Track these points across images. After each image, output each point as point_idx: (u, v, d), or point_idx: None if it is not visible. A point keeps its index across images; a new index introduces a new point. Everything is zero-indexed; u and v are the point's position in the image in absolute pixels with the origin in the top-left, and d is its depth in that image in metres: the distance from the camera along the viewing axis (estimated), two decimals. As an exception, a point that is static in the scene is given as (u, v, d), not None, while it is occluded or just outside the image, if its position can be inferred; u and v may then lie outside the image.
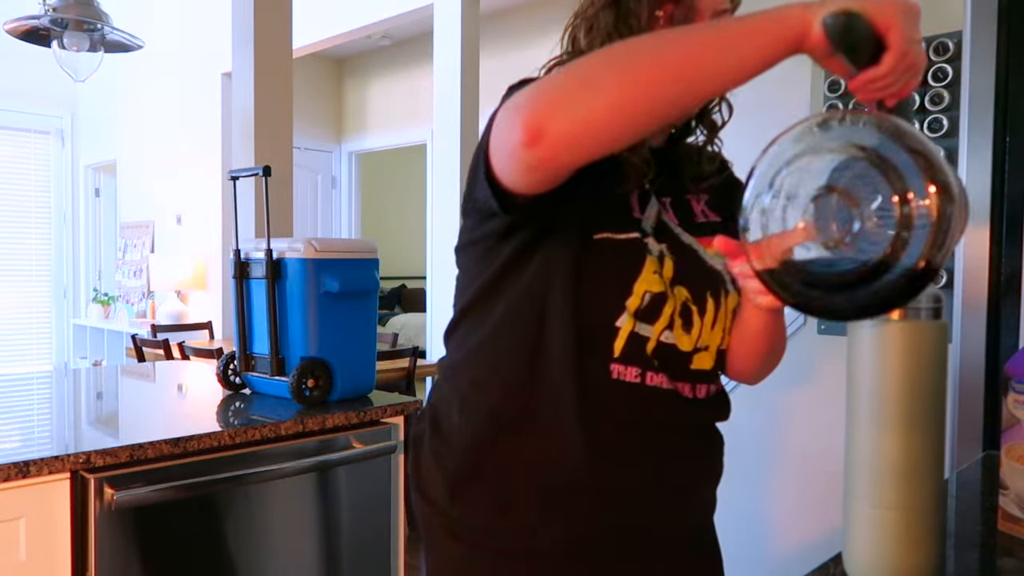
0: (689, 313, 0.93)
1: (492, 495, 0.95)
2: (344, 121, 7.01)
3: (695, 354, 0.94)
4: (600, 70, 0.70)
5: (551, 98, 0.70)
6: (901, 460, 0.72)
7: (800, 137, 0.67)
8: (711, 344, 0.95)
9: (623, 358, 0.91)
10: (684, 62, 0.68)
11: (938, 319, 0.72)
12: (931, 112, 2.12)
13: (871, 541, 0.74)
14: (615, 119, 0.69)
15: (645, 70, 0.68)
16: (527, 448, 0.93)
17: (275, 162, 2.42)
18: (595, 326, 0.91)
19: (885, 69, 0.65)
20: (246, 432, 1.58)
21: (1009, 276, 1.92)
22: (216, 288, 5.71)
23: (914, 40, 0.64)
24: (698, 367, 0.95)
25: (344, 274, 1.79)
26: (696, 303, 0.93)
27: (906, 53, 0.64)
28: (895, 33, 0.64)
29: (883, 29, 0.64)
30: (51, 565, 1.35)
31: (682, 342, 0.93)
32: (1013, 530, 0.91)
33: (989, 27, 1.91)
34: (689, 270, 0.93)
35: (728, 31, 0.70)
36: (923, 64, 0.65)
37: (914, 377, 0.71)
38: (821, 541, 2.30)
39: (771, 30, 0.66)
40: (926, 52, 2.12)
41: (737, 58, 0.67)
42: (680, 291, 0.92)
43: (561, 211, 0.89)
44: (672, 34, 0.73)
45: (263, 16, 2.68)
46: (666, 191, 0.99)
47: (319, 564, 1.70)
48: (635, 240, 0.91)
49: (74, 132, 7.31)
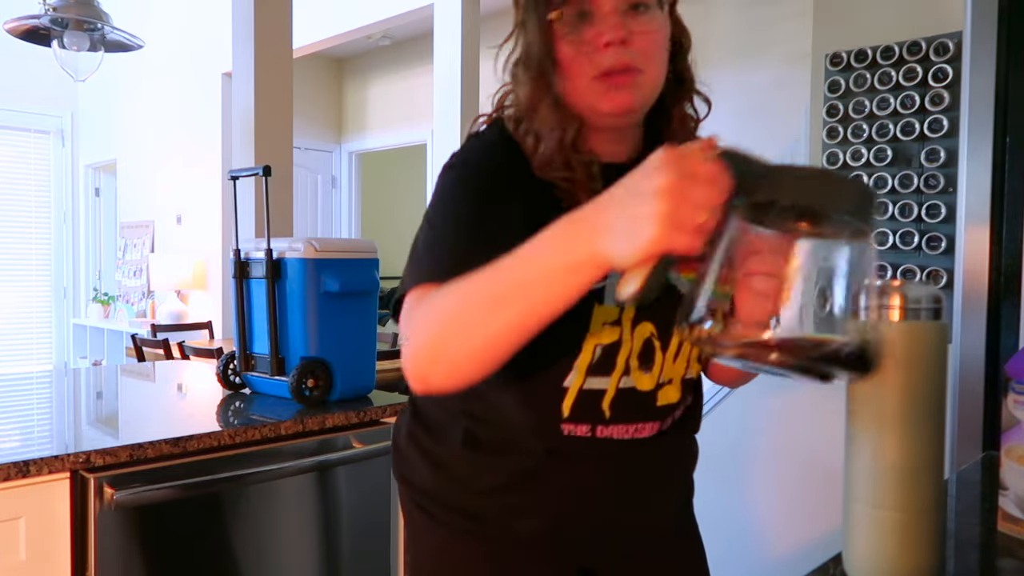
0: (651, 351, 0.91)
1: (463, 480, 0.97)
2: (344, 121, 7.00)
3: (659, 391, 0.93)
4: (454, 323, 0.75)
5: (423, 354, 0.78)
6: (901, 460, 0.71)
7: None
8: (675, 376, 0.94)
9: (573, 417, 0.91)
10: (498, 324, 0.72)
11: (938, 319, 0.72)
12: (931, 112, 2.12)
13: (871, 542, 0.74)
14: (484, 358, 0.75)
15: (486, 322, 0.72)
16: (492, 441, 0.95)
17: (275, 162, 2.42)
18: (541, 391, 0.90)
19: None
20: (246, 432, 1.58)
21: (1009, 276, 1.92)
22: (216, 288, 5.71)
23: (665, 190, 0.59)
24: (664, 402, 0.94)
25: (344, 274, 1.79)
26: (661, 338, 0.91)
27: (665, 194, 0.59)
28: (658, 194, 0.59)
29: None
30: (51, 565, 1.35)
31: (642, 383, 0.92)
32: (1013, 530, 0.91)
33: (989, 27, 1.91)
34: (657, 301, 0.89)
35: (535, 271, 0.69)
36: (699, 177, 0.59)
37: (914, 377, 0.71)
38: (821, 541, 2.30)
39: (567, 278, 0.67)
40: (926, 52, 2.12)
41: (562, 289, 0.68)
42: (642, 329, 0.90)
43: None
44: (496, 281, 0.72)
45: (263, 16, 2.68)
46: None
47: (319, 564, 1.70)
48: None
49: (74, 132, 7.31)
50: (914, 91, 2.15)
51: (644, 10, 0.86)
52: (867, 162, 2.24)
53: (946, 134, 2.09)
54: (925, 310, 0.71)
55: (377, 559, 1.80)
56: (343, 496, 1.73)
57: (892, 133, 2.19)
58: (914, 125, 2.14)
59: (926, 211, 2.12)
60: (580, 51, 0.86)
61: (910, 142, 2.17)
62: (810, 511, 2.37)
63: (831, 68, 2.30)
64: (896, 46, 2.17)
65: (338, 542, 1.73)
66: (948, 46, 2.08)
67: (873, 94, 2.22)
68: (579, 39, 0.86)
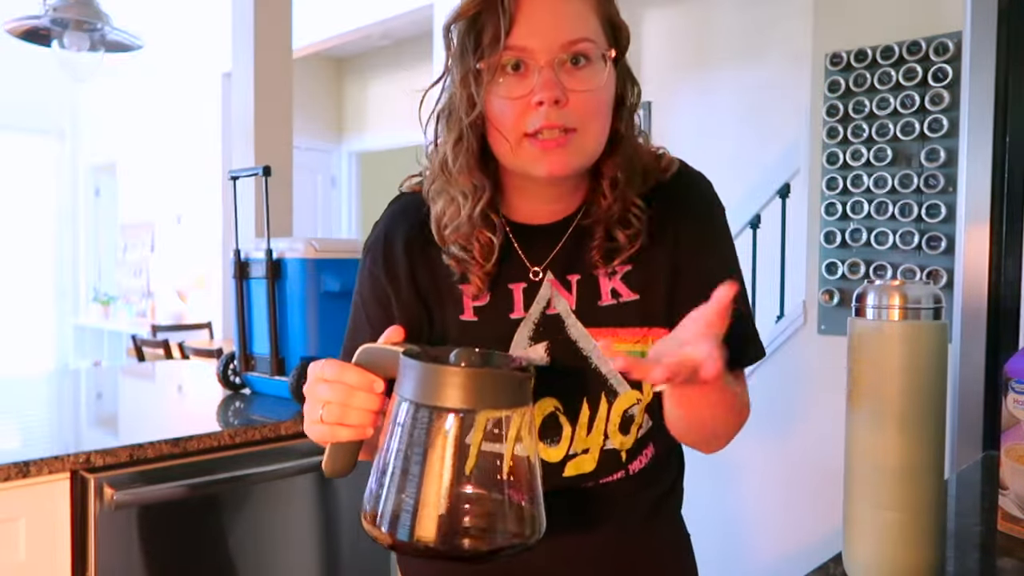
0: (556, 423, 0.88)
1: None
2: (344, 121, 7.00)
3: (568, 461, 0.89)
4: None
5: None
6: (901, 460, 0.72)
7: None
8: (592, 446, 0.89)
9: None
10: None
11: (938, 319, 0.72)
12: (931, 112, 2.12)
13: (871, 541, 0.74)
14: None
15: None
16: None
17: (275, 162, 2.42)
18: None
19: None
20: (246, 432, 1.58)
21: (1009, 277, 1.92)
22: (216, 288, 5.70)
23: (306, 392, 0.77)
24: (575, 472, 0.89)
25: (344, 274, 1.79)
26: (567, 412, 0.87)
27: (306, 395, 0.77)
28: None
29: None
30: (51, 565, 1.35)
31: (548, 455, 0.88)
32: (1013, 530, 0.91)
33: (989, 27, 1.91)
34: (561, 378, 0.86)
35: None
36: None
37: (914, 377, 0.71)
38: (821, 541, 2.30)
39: None
40: (926, 52, 2.12)
41: None
42: (545, 403, 0.87)
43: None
44: None
45: (263, 16, 2.68)
46: (575, 268, 0.87)
47: (319, 564, 1.70)
48: None
49: (74, 132, 7.31)
50: (914, 91, 2.15)
51: (584, 63, 0.78)
52: (867, 162, 2.24)
53: (946, 134, 2.09)
54: (925, 310, 0.71)
55: (377, 559, 1.80)
56: (343, 496, 1.73)
57: (892, 133, 2.19)
58: (914, 125, 2.14)
59: (926, 211, 2.12)
60: (511, 107, 0.78)
61: (910, 142, 2.17)
62: (810, 511, 2.37)
63: (831, 68, 2.30)
64: (896, 46, 2.17)
65: (338, 542, 1.73)
66: (948, 46, 2.08)
67: (873, 94, 2.22)
68: (509, 94, 0.78)
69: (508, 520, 0.69)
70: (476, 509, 0.68)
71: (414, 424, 0.67)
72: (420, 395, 0.66)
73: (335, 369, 0.74)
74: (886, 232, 2.19)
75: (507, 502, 0.69)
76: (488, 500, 0.68)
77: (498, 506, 0.69)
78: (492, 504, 0.69)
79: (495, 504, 0.69)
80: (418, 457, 0.67)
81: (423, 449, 0.67)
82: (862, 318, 0.74)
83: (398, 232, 0.91)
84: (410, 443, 0.67)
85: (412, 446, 0.67)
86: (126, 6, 3.73)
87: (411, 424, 0.67)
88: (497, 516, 0.69)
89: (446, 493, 0.66)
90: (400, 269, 0.90)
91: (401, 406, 0.68)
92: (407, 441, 0.67)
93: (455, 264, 0.87)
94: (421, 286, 0.89)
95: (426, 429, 0.67)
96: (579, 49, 0.78)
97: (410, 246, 0.90)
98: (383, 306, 0.91)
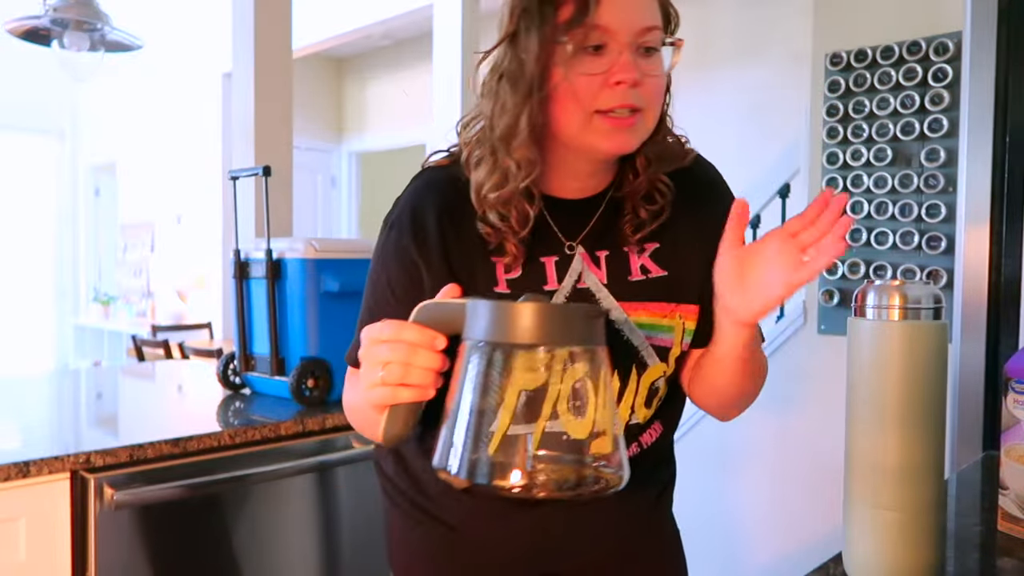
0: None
1: (415, 475, 0.98)
2: (344, 121, 7.00)
3: (592, 440, 0.91)
4: (359, 425, 0.95)
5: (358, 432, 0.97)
6: (901, 460, 0.72)
7: None
8: (605, 428, 0.91)
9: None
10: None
11: (938, 319, 0.72)
12: (931, 112, 2.12)
13: (871, 541, 0.74)
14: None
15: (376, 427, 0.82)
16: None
17: (275, 162, 2.42)
18: None
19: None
20: (246, 432, 1.58)
21: (1009, 276, 1.92)
22: (216, 288, 5.70)
23: (362, 357, 0.75)
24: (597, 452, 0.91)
25: (344, 274, 1.79)
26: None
27: (362, 360, 0.75)
28: None
29: None
30: (51, 565, 1.35)
31: (574, 430, 0.90)
32: (1013, 530, 0.91)
33: (989, 27, 1.91)
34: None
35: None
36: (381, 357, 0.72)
37: (914, 377, 0.71)
38: (821, 541, 2.30)
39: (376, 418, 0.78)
40: (926, 52, 2.12)
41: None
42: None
43: None
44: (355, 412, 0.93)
45: (263, 16, 2.68)
46: (604, 243, 0.91)
47: (319, 564, 1.70)
48: None
49: (74, 132, 7.31)
50: (914, 91, 2.15)
51: (653, 52, 0.83)
52: (867, 162, 2.24)
53: (946, 134, 2.09)
54: (925, 310, 0.71)
55: (377, 559, 1.80)
56: (343, 496, 1.73)
57: (892, 133, 2.19)
58: (914, 125, 2.14)
59: (926, 211, 2.12)
60: (587, 83, 0.80)
61: (910, 142, 2.17)
62: (810, 511, 2.37)
63: (831, 68, 2.30)
64: (896, 46, 2.17)
65: (338, 542, 1.73)
66: (948, 46, 2.08)
67: (873, 94, 2.22)
68: (589, 71, 0.80)
69: (590, 461, 0.68)
70: (556, 449, 0.67)
71: (488, 366, 0.65)
72: (495, 334, 0.65)
73: (393, 328, 0.72)
74: (886, 232, 2.19)
75: (588, 442, 0.67)
76: (568, 440, 0.67)
77: (578, 446, 0.67)
78: (571, 444, 0.67)
79: (573, 444, 0.67)
80: (493, 398, 0.66)
81: (499, 390, 0.65)
82: (862, 318, 0.74)
83: (427, 204, 0.90)
84: (485, 386, 0.66)
85: (487, 388, 0.66)
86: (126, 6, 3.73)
87: (484, 366, 0.66)
88: (579, 456, 0.68)
89: (523, 432, 0.65)
90: (432, 240, 0.88)
91: (472, 351, 0.67)
92: (481, 384, 0.66)
93: (491, 233, 0.87)
94: (453, 258, 0.88)
95: (501, 369, 0.65)
96: (653, 35, 0.82)
97: (441, 217, 0.89)
98: (412, 278, 0.89)
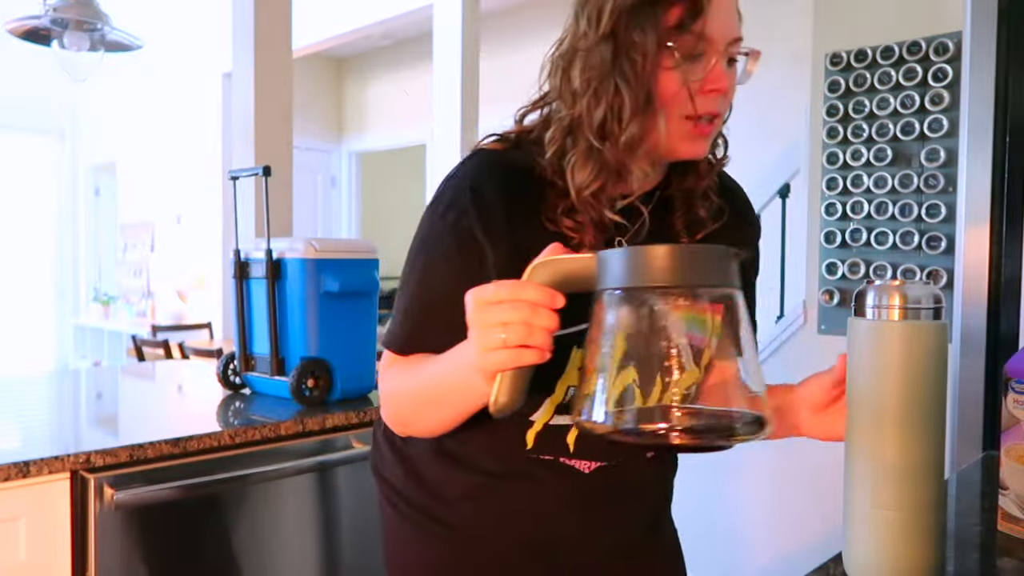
0: (632, 396, 0.89)
1: (429, 483, 0.97)
2: (344, 121, 7.00)
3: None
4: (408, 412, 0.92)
5: (393, 423, 0.95)
6: (901, 459, 0.71)
7: None
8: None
9: (536, 449, 0.90)
10: (441, 417, 0.86)
11: (938, 319, 0.72)
12: (931, 112, 2.12)
13: (871, 541, 0.74)
14: (444, 429, 0.88)
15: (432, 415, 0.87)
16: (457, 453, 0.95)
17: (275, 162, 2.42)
18: (506, 422, 0.83)
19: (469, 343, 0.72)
20: (246, 432, 1.58)
21: (1009, 277, 1.92)
22: (216, 288, 5.70)
23: (474, 322, 0.71)
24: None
25: (344, 274, 1.79)
26: (642, 385, 0.85)
27: (473, 324, 0.71)
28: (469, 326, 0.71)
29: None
30: (51, 565, 1.35)
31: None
32: (1013, 530, 0.91)
33: (989, 27, 1.91)
34: (646, 347, 0.88)
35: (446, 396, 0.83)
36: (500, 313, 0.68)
37: (914, 377, 0.71)
38: (821, 541, 2.30)
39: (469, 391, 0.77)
40: (926, 52, 2.12)
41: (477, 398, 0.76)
42: (627, 374, 0.86)
43: None
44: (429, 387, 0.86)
45: (263, 16, 2.68)
46: (656, 239, 0.90)
47: (319, 564, 1.70)
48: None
49: (74, 132, 7.31)
50: (914, 91, 2.15)
51: (733, 62, 0.85)
52: (867, 162, 2.24)
53: (946, 134, 2.09)
54: (925, 310, 0.71)
55: (377, 559, 1.79)
56: (343, 496, 1.73)
57: (892, 133, 2.19)
58: (914, 125, 2.14)
59: (926, 211, 2.12)
60: (684, 89, 0.81)
61: (910, 142, 2.17)
62: (810, 511, 2.37)
63: (831, 68, 2.30)
64: (896, 46, 2.17)
65: (338, 542, 1.73)
66: (948, 46, 2.08)
67: (873, 94, 2.22)
68: (689, 77, 0.81)
69: (737, 409, 0.67)
70: (706, 396, 0.66)
71: (629, 313, 0.64)
72: (633, 278, 0.63)
73: (511, 288, 0.68)
74: (886, 232, 2.19)
75: (734, 389, 0.67)
76: (713, 387, 0.66)
77: (724, 392, 0.67)
78: (719, 391, 0.67)
79: (719, 390, 0.67)
80: (636, 344, 0.65)
81: (640, 336, 0.65)
82: (862, 318, 0.74)
83: (491, 185, 0.86)
84: (625, 332, 0.65)
85: (628, 335, 0.65)
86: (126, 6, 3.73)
87: (623, 314, 0.64)
88: (729, 402, 0.67)
89: (666, 377, 0.64)
90: (499, 221, 0.84)
91: (607, 301, 0.65)
92: (622, 331, 0.65)
93: (573, 226, 0.85)
94: (521, 245, 0.83)
95: (641, 315, 0.64)
96: (738, 46, 0.84)
97: (507, 200, 0.85)
98: (471, 259, 0.85)
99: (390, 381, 0.92)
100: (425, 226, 0.90)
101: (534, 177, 0.86)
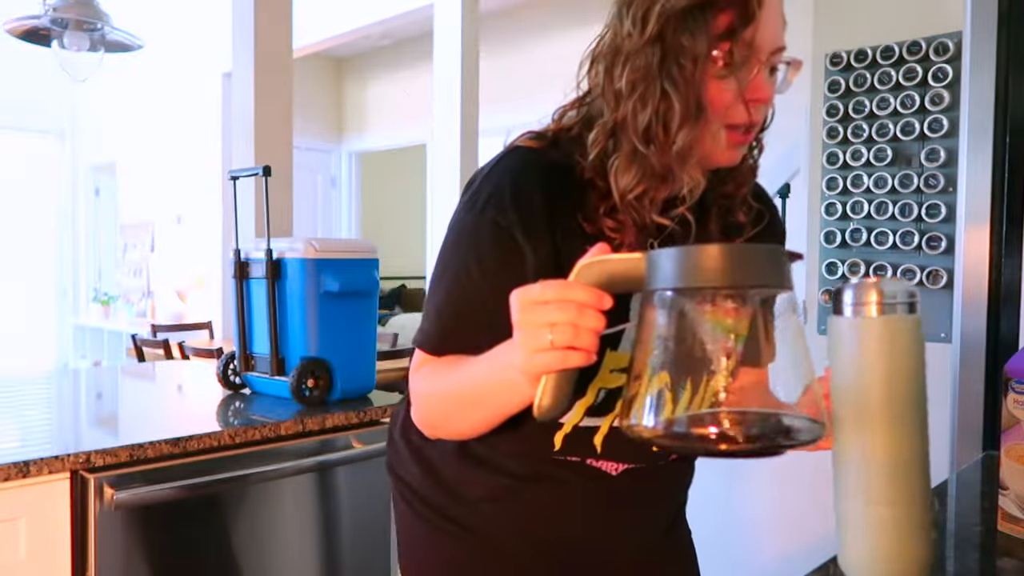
0: (663, 401, 0.88)
1: (449, 484, 0.97)
2: (344, 121, 7.01)
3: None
4: (442, 413, 0.90)
5: (424, 425, 0.93)
6: (890, 455, 0.72)
7: None
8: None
9: (563, 451, 0.90)
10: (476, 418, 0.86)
11: (913, 313, 0.73)
12: (931, 112, 2.12)
13: (865, 538, 0.74)
14: (477, 431, 0.88)
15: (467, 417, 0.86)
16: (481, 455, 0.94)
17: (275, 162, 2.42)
18: (534, 423, 0.79)
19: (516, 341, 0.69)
20: (246, 432, 1.58)
21: (1009, 277, 1.92)
22: (216, 288, 5.70)
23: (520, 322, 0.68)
24: (659, 448, 0.91)
25: (344, 274, 1.79)
26: (673, 389, 0.83)
27: (519, 324, 0.68)
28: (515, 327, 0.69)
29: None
30: (51, 565, 1.35)
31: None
32: (1013, 530, 0.91)
33: (989, 27, 1.91)
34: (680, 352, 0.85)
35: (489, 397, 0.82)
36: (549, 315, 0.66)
37: (897, 370, 0.71)
38: (821, 541, 2.30)
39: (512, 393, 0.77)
40: (926, 52, 2.12)
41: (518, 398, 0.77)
42: (659, 378, 0.84)
43: None
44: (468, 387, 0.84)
45: (263, 16, 2.68)
46: (694, 243, 0.89)
47: (319, 564, 1.70)
48: None
49: (74, 132, 7.31)
50: (914, 91, 2.15)
51: (776, 72, 0.84)
52: (867, 162, 2.24)
53: (946, 134, 2.09)
54: (901, 304, 0.72)
55: (377, 559, 1.80)
56: (343, 496, 1.73)
57: (892, 133, 2.19)
58: (914, 125, 2.14)
59: (926, 211, 2.12)
60: (726, 97, 0.80)
61: (910, 142, 2.17)
62: (810, 511, 2.37)
63: (831, 68, 2.30)
64: (896, 46, 2.17)
65: (338, 542, 1.73)
66: (948, 46, 2.08)
67: (873, 94, 2.22)
68: (730, 85, 0.79)
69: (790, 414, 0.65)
70: (758, 400, 0.65)
71: (680, 315, 0.63)
72: (686, 279, 0.62)
73: (558, 288, 0.66)
74: (886, 232, 2.19)
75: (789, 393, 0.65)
76: (765, 391, 0.65)
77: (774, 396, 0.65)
78: (771, 395, 0.65)
79: (771, 394, 0.65)
80: (687, 346, 0.64)
81: (692, 338, 0.64)
82: (840, 315, 0.75)
83: (530, 184, 0.84)
84: (676, 334, 0.64)
85: (679, 337, 0.64)
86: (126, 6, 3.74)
87: (674, 315, 0.63)
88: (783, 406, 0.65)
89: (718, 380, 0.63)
90: (539, 225, 0.83)
91: (657, 302, 0.64)
92: (671, 333, 0.64)
93: (614, 227, 0.84)
94: (561, 248, 0.82)
95: (692, 316, 0.63)
96: (781, 55, 0.83)
97: (547, 200, 0.83)
98: (508, 259, 0.83)
99: (422, 382, 0.90)
100: (460, 223, 0.87)
101: (574, 177, 0.85)
